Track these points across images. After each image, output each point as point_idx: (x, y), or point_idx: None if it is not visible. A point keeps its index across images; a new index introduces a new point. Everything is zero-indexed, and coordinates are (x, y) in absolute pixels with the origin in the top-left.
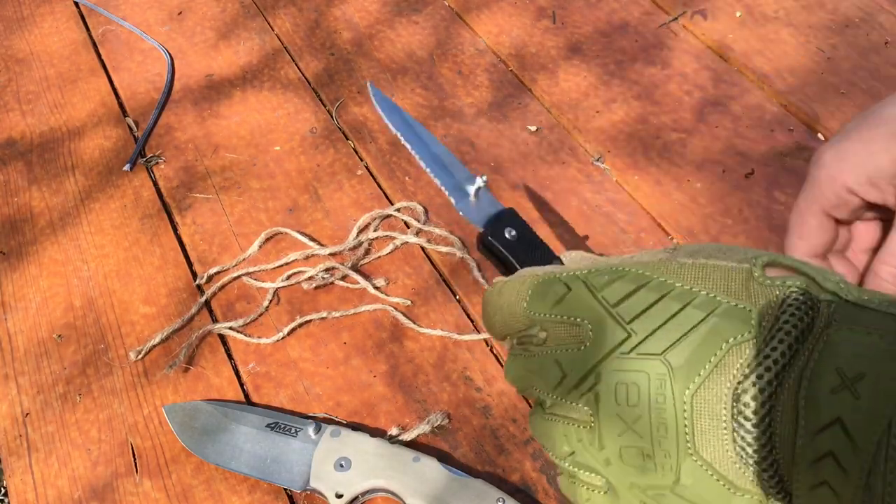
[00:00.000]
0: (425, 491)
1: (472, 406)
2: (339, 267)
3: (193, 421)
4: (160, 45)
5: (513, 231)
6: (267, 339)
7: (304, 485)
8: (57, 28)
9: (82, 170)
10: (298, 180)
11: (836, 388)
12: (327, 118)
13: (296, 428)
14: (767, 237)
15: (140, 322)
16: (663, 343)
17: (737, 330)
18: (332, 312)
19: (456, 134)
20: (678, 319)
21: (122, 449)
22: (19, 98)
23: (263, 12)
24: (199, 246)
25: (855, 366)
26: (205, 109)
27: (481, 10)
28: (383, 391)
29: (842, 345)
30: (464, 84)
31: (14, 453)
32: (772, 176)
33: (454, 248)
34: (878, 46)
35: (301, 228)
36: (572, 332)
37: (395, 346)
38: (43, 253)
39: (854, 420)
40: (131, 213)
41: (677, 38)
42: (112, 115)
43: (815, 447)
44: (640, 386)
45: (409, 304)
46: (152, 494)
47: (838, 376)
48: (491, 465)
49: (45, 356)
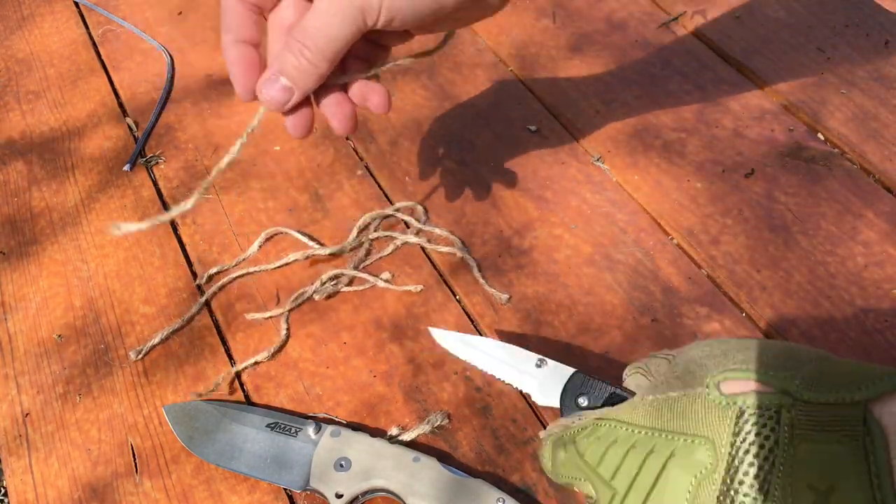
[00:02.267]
0: (425, 491)
1: (472, 406)
2: (344, 273)
3: (193, 421)
4: (160, 44)
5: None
6: (269, 345)
7: (304, 485)
8: (57, 28)
9: (82, 170)
10: (298, 180)
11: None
12: None
13: (296, 428)
14: (767, 237)
15: (140, 322)
16: (641, 495)
17: (699, 466)
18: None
19: (456, 134)
20: (647, 468)
21: (122, 449)
22: (19, 98)
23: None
24: (199, 246)
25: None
26: (205, 109)
27: None
28: (383, 391)
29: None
30: (464, 84)
31: (14, 453)
32: (772, 176)
33: (454, 248)
34: (878, 46)
35: (301, 228)
36: (585, 486)
37: (395, 346)
38: (43, 253)
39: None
40: (131, 213)
41: (677, 38)
42: (112, 115)
43: None
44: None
45: (422, 289)
46: (152, 494)
47: (812, 492)
48: (491, 465)
49: (45, 356)
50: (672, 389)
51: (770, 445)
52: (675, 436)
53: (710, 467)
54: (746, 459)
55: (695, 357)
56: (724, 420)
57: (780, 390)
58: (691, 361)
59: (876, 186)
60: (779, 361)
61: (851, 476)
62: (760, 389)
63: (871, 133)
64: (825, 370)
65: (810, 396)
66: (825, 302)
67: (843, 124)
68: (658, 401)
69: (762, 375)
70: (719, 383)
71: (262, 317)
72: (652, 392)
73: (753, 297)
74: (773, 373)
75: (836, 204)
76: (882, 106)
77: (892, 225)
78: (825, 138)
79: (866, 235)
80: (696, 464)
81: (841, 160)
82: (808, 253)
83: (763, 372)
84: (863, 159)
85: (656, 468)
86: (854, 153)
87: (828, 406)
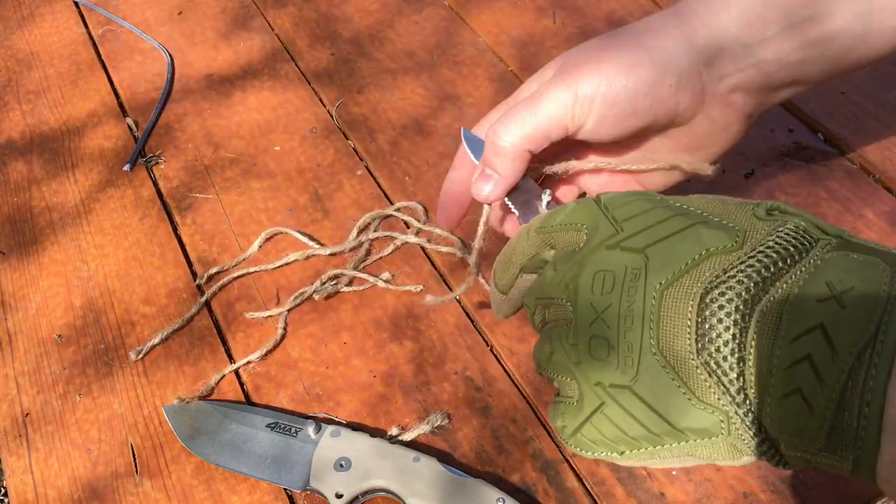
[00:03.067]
0: (425, 491)
1: (472, 406)
2: (344, 273)
3: (193, 421)
4: (160, 44)
5: None
6: (268, 342)
7: (304, 485)
8: (57, 28)
9: (82, 170)
10: (298, 180)
11: (822, 297)
12: (327, 118)
13: (296, 428)
14: None
15: (140, 322)
16: (646, 240)
17: (719, 241)
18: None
19: (456, 134)
20: (666, 224)
21: (122, 449)
22: (19, 98)
23: (263, 12)
24: (199, 246)
25: (846, 280)
26: (205, 109)
27: (481, 9)
28: (383, 391)
29: (834, 262)
30: (464, 84)
31: (14, 453)
32: (772, 176)
33: (454, 248)
34: None
35: (301, 228)
36: (574, 238)
37: (395, 346)
38: (43, 253)
39: (836, 327)
40: (131, 213)
41: None
42: (112, 115)
43: (792, 352)
44: (615, 274)
45: (422, 289)
46: (152, 494)
47: (827, 287)
48: (491, 465)
49: (45, 356)
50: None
51: (790, 251)
52: (715, 216)
53: (724, 248)
54: (763, 252)
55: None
56: (765, 224)
57: (828, 231)
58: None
59: (876, 186)
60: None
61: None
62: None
63: (871, 133)
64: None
65: (857, 242)
66: None
67: (843, 124)
68: (706, 198)
69: (813, 218)
70: (770, 208)
71: (261, 316)
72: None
73: None
74: (823, 221)
75: (836, 204)
76: (882, 106)
77: (892, 225)
78: (825, 138)
79: (866, 235)
80: (722, 237)
81: (841, 160)
82: None
83: (816, 219)
84: (863, 159)
85: (680, 225)
86: (854, 153)
87: (873, 249)
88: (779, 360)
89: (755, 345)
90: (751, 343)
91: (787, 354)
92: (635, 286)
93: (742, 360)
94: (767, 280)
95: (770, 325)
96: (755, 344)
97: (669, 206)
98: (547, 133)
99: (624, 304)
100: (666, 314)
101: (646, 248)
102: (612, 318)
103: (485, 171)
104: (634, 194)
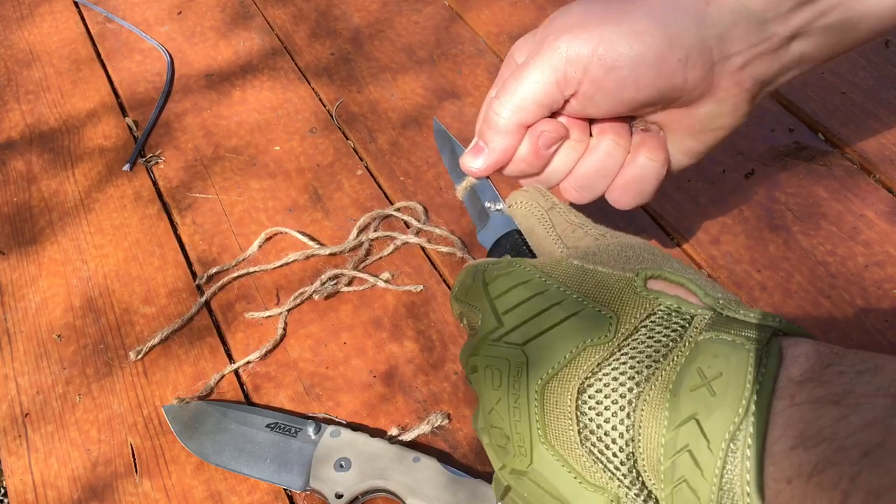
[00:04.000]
0: (425, 491)
1: (473, 406)
2: (344, 273)
3: (193, 421)
4: (160, 44)
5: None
6: (267, 342)
7: (304, 485)
8: (56, 27)
9: (82, 170)
10: (298, 180)
11: (694, 386)
12: (327, 118)
13: (296, 428)
14: (767, 237)
15: (140, 322)
16: (525, 335)
17: (593, 333)
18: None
19: (456, 134)
20: (544, 317)
21: (122, 449)
22: (19, 98)
23: (263, 12)
24: (199, 246)
25: (714, 366)
26: (204, 109)
27: (481, 8)
28: (383, 391)
29: (705, 347)
30: (464, 84)
31: (13, 454)
32: (772, 176)
33: (454, 248)
34: (878, 46)
35: (301, 228)
36: (475, 317)
37: (395, 347)
38: (43, 253)
39: (708, 416)
40: (131, 213)
41: None
42: (112, 115)
43: (674, 442)
44: (501, 371)
45: (422, 289)
46: (152, 495)
47: (698, 375)
48: (491, 465)
49: (45, 356)
50: (604, 266)
51: (673, 337)
52: (588, 301)
53: (599, 340)
54: (637, 341)
55: (634, 244)
56: (642, 306)
57: (703, 304)
58: (629, 247)
59: (876, 186)
60: (710, 284)
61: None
62: (685, 296)
63: (871, 133)
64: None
65: (730, 312)
66: (825, 302)
67: (843, 124)
68: (585, 269)
69: (692, 285)
70: (649, 279)
71: (261, 316)
72: (581, 259)
73: (753, 297)
74: (703, 290)
75: (836, 204)
76: (882, 106)
77: (892, 225)
78: (825, 138)
79: (867, 235)
80: (596, 329)
81: (841, 160)
82: (809, 253)
83: (694, 283)
84: (863, 159)
85: (555, 318)
86: (854, 153)
87: (744, 323)
88: (664, 450)
89: (643, 434)
90: (638, 431)
91: (671, 444)
92: (518, 382)
93: (631, 447)
94: (642, 372)
95: (653, 413)
96: (643, 433)
97: (547, 291)
98: (537, 99)
99: (511, 400)
100: (549, 408)
101: (524, 345)
102: (503, 411)
103: (477, 143)
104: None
